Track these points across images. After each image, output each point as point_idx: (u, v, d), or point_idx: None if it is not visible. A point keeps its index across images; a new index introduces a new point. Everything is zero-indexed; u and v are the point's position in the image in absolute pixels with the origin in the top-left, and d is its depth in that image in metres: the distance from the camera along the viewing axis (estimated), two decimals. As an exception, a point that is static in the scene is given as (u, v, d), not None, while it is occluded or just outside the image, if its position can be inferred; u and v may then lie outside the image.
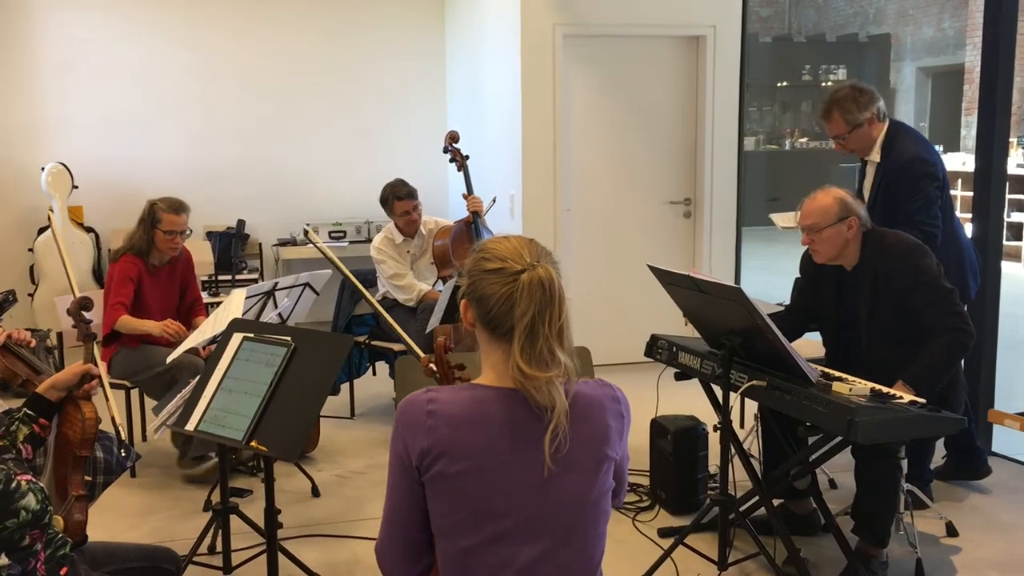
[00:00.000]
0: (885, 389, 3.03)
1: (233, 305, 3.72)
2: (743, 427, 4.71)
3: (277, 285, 4.22)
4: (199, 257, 5.17)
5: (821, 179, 4.17)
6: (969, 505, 3.99)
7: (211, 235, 7.06)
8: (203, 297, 4.99)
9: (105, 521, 3.77)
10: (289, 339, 2.76)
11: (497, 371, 1.72)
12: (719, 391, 3.28)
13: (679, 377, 3.63)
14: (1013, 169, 9.59)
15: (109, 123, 7.13)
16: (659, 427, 4.02)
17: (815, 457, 3.33)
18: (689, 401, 4.10)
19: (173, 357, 3.80)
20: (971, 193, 4.74)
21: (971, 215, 4.53)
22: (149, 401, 4.59)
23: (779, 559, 3.27)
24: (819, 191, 3.41)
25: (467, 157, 5.30)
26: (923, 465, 3.88)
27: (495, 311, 1.67)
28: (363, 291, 3.44)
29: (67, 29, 7.01)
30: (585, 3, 6.04)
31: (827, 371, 3.22)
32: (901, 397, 2.99)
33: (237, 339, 2.87)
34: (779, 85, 15.57)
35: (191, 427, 2.77)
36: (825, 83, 15.04)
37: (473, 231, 5.11)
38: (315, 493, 4.19)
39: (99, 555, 2.25)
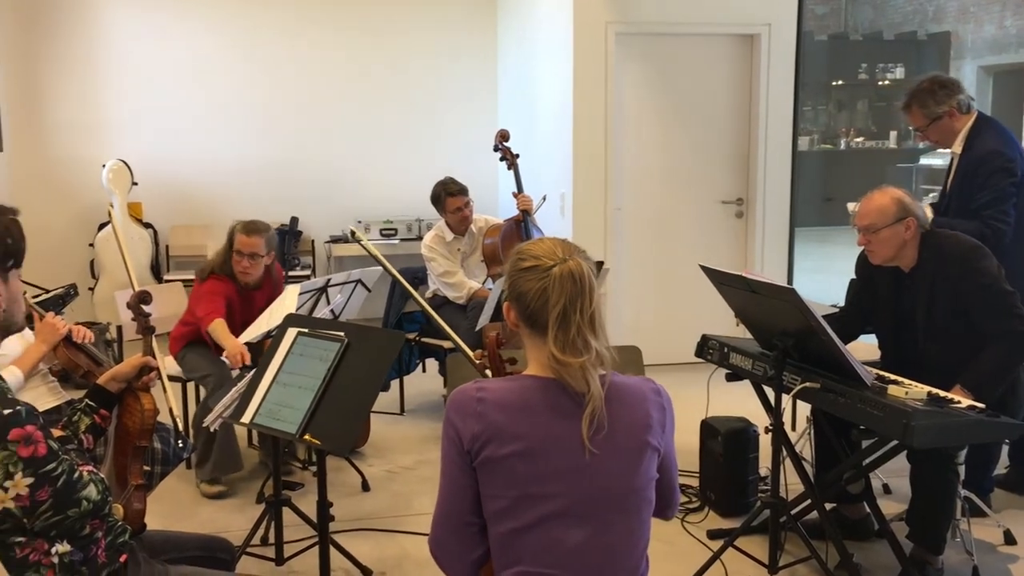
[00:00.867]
0: (942, 393, 2.98)
1: (288, 300, 3.78)
2: (794, 430, 4.66)
3: (330, 281, 4.26)
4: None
5: (877, 179, 4.09)
6: (1029, 514, 3.90)
7: (265, 232, 7.15)
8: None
9: (161, 510, 3.85)
10: (343, 334, 2.79)
11: (539, 363, 1.81)
12: (771, 393, 3.25)
13: (730, 378, 3.59)
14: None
15: (168, 121, 7.28)
16: (709, 428, 3.99)
17: (869, 461, 3.28)
18: (740, 402, 4.06)
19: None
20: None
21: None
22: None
23: (831, 563, 3.23)
24: (876, 191, 3.36)
25: (517, 156, 5.31)
26: (985, 473, 3.79)
27: (532, 306, 1.77)
28: (409, 289, 3.46)
29: (128, 28, 7.17)
30: (638, 1, 6.01)
31: (882, 374, 3.17)
32: (959, 401, 2.93)
33: (292, 334, 2.91)
34: (834, 84, 15.32)
35: (247, 420, 2.82)
36: (882, 82, 14.78)
37: (523, 230, 5.12)
38: (365, 488, 4.23)
39: (158, 543, 2.29)
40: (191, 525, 3.79)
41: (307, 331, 2.89)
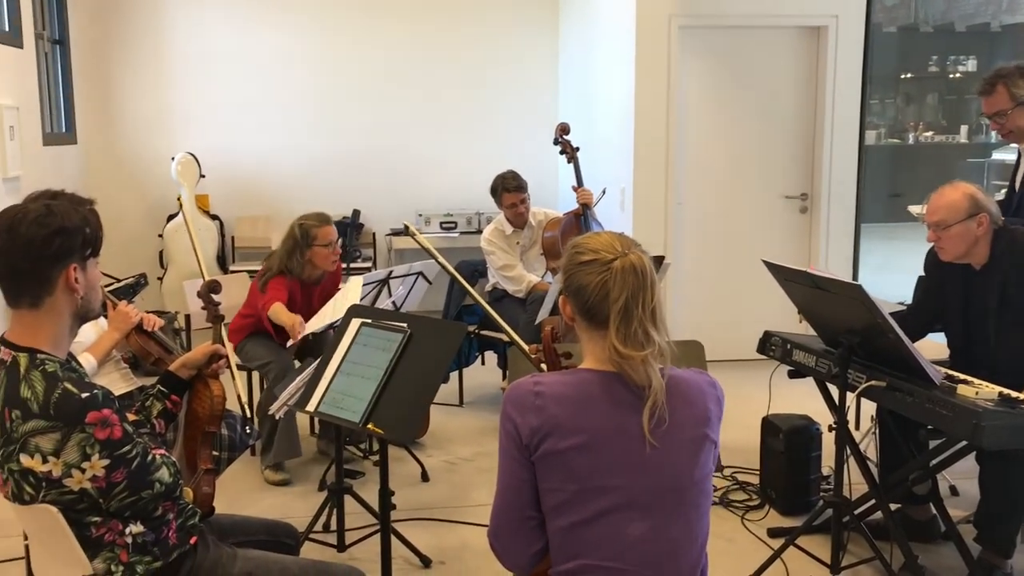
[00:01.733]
0: (1014, 393, 2.90)
1: (351, 292, 3.83)
2: (858, 429, 4.58)
3: (392, 273, 4.32)
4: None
5: (946, 175, 3.96)
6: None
7: (327, 224, 7.25)
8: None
9: (226, 495, 3.93)
10: (405, 326, 2.82)
11: (597, 358, 1.80)
12: (835, 390, 3.20)
13: (792, 375, 3.55)
14: None
15: (234, 115, 7.42)
16: (771, 425, 3.94)
17: (937, 462, 3.21)
18: (802, 400, 4.01)
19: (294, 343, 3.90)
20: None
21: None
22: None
23: (895, 565, 3.17)
24: (947, 186, 3.28)
25: (577, 149, 5.30)
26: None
27: (591, 300, 1.77)
28: (462, 281, 3.48)
29: (195, 24, 7.32)
30: (702, -6, 5.96)
31: (951, 373, 3.10)
32: (1031, 402, 2.86)
33: (356, 324, 2.95)
34: (903, 77, 14.98)
35: (311, 408, 2.86)
36: (953, 75, 14.42)
37: (582, 223, 5.11)
38: (424, 478, 4.28)
39: (226, 526, 2.35)
40: (255, 510, 3.86)
41: (371, 322, 2.93)
